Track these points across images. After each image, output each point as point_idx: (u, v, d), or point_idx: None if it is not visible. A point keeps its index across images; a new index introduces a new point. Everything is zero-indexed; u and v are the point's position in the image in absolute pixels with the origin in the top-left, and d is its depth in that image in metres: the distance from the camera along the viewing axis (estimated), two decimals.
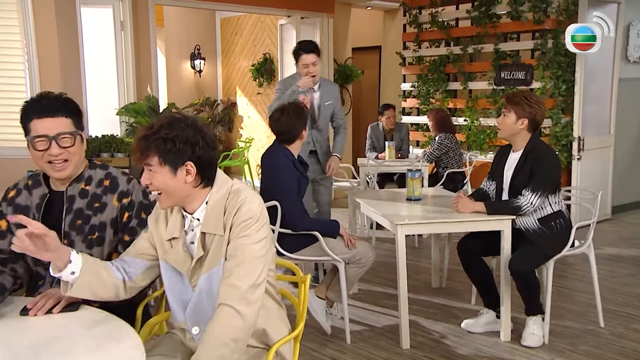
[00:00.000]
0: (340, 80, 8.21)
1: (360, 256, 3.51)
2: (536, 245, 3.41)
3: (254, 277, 1.78)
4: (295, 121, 3.57)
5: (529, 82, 6.18)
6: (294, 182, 3.50)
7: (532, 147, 3.43)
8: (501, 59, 6.45)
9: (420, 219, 3.59)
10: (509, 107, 3.43)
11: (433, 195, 4.31)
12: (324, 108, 4.51)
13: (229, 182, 1.92)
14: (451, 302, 4.25)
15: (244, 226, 1.81)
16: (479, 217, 3.45)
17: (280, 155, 3.58)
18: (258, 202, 1.86)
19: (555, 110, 6.23)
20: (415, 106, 7.44)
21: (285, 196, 3.43)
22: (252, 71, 9.12)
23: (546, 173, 3.35)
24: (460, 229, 3.58)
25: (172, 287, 1.94)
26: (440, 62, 7.02)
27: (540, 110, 3.41)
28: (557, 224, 3.44)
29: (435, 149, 6.03)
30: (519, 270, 3.35)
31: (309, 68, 4.31)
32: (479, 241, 3.62)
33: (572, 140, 6.19)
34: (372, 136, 6.61)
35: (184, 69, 9.70)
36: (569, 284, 4.62)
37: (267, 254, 1.85)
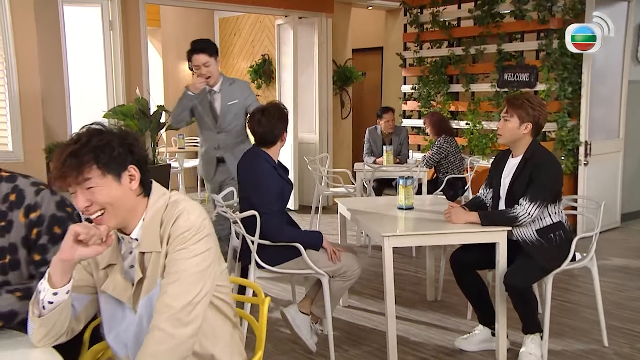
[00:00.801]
0: (340, 82, 8.04)
1: (345, 269, 3.33)
2: (533, 259, 3.21)
3: (191, 295, 1.61)
4: (277, 122, 3.40)
5: (533, 84, 5.98)
6: (276, 190, 3.32)
7: (532, 152, 3.26)
8: (504, 60, 6.27)
9: (410, 230, 3.41)
10: (511, 111, 3.25)
11: (427, 203, 4.12)
12: (227, 109, 4.20)
13: (167, 194, 1.75)
14: (446, 316, 4.06)
15: (182, 239, 1.64)
16: (472, 229, 3.26)
17: (261, 161, 3.40)
18: (198, 212, 1.70)
19: (560, 113, 6.04)
20: (415, 109, 7.25)
21: (263, 206, 3.26)
22: (251, 73, 8.97)
23: (546, 180, 3.17)
24: (452, 241, 3.40)
25: (113, 320, 1.76)
26: (441, 63, 6.84)
27: (543, 114, 3.26)
28: (556, 235, 3.25)
29: (434, 153, 5.85)
30: (515, 285, 3.15)
31: (201, 69, 4.06)
32: (473, 253, 3.43)
33: (579, 145, 6.01)
34: (370, 140, 6.44)
35: (181, 70, 9.56)
36: (573, 297, 4.41)
37: (210, 269, 1.67)
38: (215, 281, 1.71)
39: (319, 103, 7.68)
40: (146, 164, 1.72)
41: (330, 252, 3.28)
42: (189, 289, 1.61)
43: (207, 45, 4.10)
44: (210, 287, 1.68)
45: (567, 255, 3.27)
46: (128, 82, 6.08)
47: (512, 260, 3.27)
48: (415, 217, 3.67)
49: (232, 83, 4.28)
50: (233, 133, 4.28)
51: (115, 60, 5.94)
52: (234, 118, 4.25)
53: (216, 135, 4.28)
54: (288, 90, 7.51)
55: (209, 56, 4.06)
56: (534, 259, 3.21)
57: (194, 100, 4.19)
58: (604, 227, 6.27)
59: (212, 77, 4.12)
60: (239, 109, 4.24)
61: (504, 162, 3.41)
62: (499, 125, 3.32)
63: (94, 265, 1.76)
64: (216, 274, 1.72)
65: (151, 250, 1.67)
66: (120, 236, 1.74)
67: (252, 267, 3.35)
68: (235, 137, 4.29)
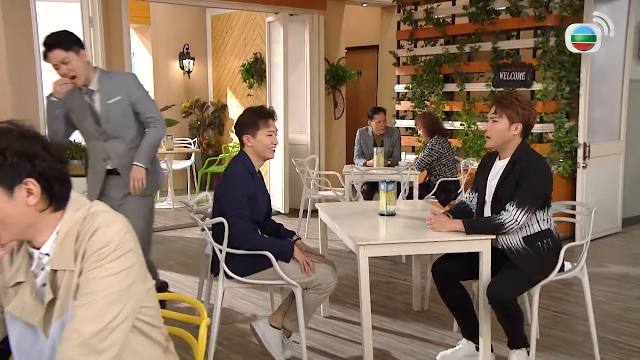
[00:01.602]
0: (333, 81, 7.89)
1: (320, 281, 3.17)
2: (519, 269, 3.06)
3: (105, 319, 1.44)
4: (237, 125, 3.28)
5: (529, 84, 5.82)
6: (245, 193, 3.16)
7: (521, 154, 3.11)
8: (500, 58, 6.11)
9: (389, 238, 3.25)
10: (500, 112, 3.10)
11: (412, 209, 3.96)
12: (109, 109, 3.58)
13: (87, 205, 1.58)
14: (431, 328, 3.90)
15: (97, 256, 1.47)
16: (454, 237, 3.10)
17: (238, 162, 3.27)
18: (118, 226, 1.53)
19: (558, 114, 5.88)
20: (409, 109, 7.08)
21: (232, 209, 3.12)
22: (242, 72, 8.85)
23: (534, 185, 3.02)
24: (432, 250, 3.24)
25: (23, 346, 1.59)
26: (435, 62, 6.69)
27: (533, 113, 3.13)
28: (544, 244, 3.10)
29: (426, 155, 5.70)
30: (499, 297, 2.99)
31: (60, 68, 3.42)
32: (456, 263, 3.27)
33: (577, 147, 5.86)
34: (360, 141, 6.29)
35: (171, 69, 9.45)
36: (568, 308, 4.24)
37: (132, 289, 1.51)
38: (139, 302, 1.54)
39: (311, 103, 7.54)
40: (58, 176, 1.52)
41: (303, 264, 3.12)
42: (103, 312, 1.44)
43: (62, 38, 3.42)
44: (132, 310, 1.51)
45: (555, 265, 3.10)
46: None
47: (498, 270, 3.12)
48: (396, 224, 3.52)
49: (111, 77, 3.65)
50: (125, 139, 3.66)
51: (95, 59, 5.79)
52: (121, 120, 3.62)
53: (103, 143, 3.65)
54: (279, 89, 7.36)
55: (66, 50, 3.39)
56: (519, 269, 3.06)
57: (61, 107, 3.55)
58: (604, 233, 6.12)
59: (78, 75, 3.46)
60: (124, 107, 3.60)
61: (490, 164, 3.26)
62: (488, 127, 3.17)
63: (1, 283, 1.60)
64: (140, 294, 1.55)
65: (64, 267, 1.51)
66: (30, 250, 1.58)
67: (221, 278, 3.20)
68: (128, 144, 3.67)
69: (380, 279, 4.93)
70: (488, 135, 3.17)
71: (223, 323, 3.92)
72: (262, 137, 3.24)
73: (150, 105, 3.71)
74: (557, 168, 5.92)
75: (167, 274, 5.07)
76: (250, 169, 3.24)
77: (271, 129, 3.25)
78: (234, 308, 4.28)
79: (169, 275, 5.03)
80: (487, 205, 3.23)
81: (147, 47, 9.18)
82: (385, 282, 4.85)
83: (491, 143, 3.17)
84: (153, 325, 1.63)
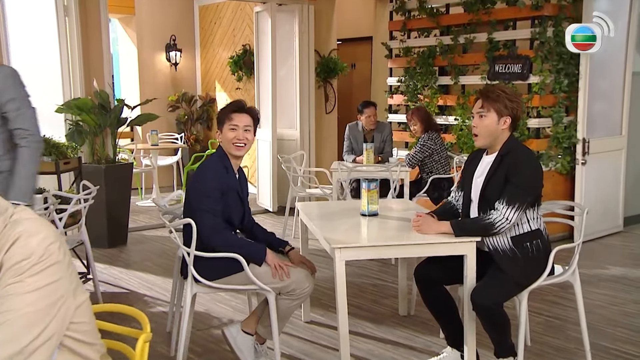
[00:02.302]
0: (324, 74, 7.78)
1: (294, 286, 3.06)
2: (506, 273, 2.95)
3: (24, 340, 1.33)
4: (219, 112, 3.19)
5: (526, 76, 5.71)
6: (216, 187, 3.04)
7: (509, 149, 3.01)
8: (495, 49, 6.00)
9: (368, 240, 3.14)
10: (488, 106, 3.00)
11: (396, 209, 3.84)
12: None
13: (9, 211, 1.47)
14: (416, 334, 3.79)
15: (16, 270, 1.35)
16: (437, 239, 2.99)
17: (214, 156, 3.18)
18: (42, 236, 1.41)
19: (556, 108, 5.78)
20: (402, 103, 6.96)
21: (201, 202, 3.00)
22: (230, 64, 8.73)
23: (523, 180, 2.92)
24: (414, 253, 3.14)
25: None
26: (429, 53, 6.58)
27: (520, 106, 3.06)
28: (533, 245, 2.99)
29: (418, 151, 5.58)
30: (482, 303, 2.89)
31: None
32: (440, 266, 3.16)
33: (576, 143, 5.77)
34: (350, 137, 6.18)
35: (157, 61, 9.33)
36: (561, 313, 4.13)
37: (59, 305, 1.39)
38: (67, 319, 1.43)
39: (300, 97, 7.45)
40: None
41: (275, 268, 3.01)
42: (21, 332, 1.33)
43: None
44: (58, 328, 1.39)
45: (545, 268, 2.99)
46: (87, 73, 5.84)
47: (484, 274, 3.01)
48: (377, 225, 3.40)
49: None
50: None
51: (71, 49, 5.68)
52: None
53: None
54: (267, 83, 7.26)
55: None
56: (506, 273, 2.95)
57: None
58: (604, 232, 6.02)
59: None
60: None
61: (477, 160, 3.16)
62: (475, 123, 3.06)
63: None
64: (69, 310, 1.44)
65: None
66: None
67: (189, 282, 3.09)
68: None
69: (367, 281, 4.83)
70: (476, 132, 3.06)
71: (197, 329, 3.84)
72: (226, 132, 3.14)
73: (27, 113, 3.01)
74: (555, 165, 5.83)
75: (144, 275, 4.98)
76: (226, 164, 3.13)
77: (234, 122, 3.12)
78: (211, 312, 4.18)
79: (145, 277, 4.94)
80: (473, 204, 3.12)
81: (131, 39, 9.05)
82: (372, 285, 4.75)
83: (481, 141, 3.06)
84: (85, 343, 1.51)
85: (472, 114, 3.10)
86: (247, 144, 3.15)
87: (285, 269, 3.03)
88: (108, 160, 5.73)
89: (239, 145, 3.12)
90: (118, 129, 5.78)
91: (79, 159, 4.97)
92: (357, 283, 4.74)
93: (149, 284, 4.76)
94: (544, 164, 5.77)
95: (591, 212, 3.50)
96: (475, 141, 3.10)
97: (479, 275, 3.01)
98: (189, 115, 9.38)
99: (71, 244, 4.06)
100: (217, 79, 9.38)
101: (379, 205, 3.50)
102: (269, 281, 3.02)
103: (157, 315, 4.13)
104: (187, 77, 9.58)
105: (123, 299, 4.44)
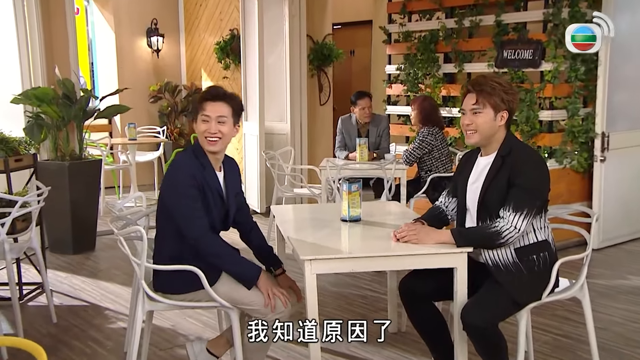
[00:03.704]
0: (317, 61, 7.69)
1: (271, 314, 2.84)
2: (503, 288, 2.77)
3: None
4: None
5: (537, 63, 5.61)
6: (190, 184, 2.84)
7: (510, 148, 2.85)
8: (504, 33, 5.89)
9: (344, 251, 2.96)
10: (482, 101, 2.84)
11: (383, 213, 3.68)
12: None
13: None
14: (406, 355, 3.63)
15: None
16: (422, 250, 2.82)
17: (189, 150, 2.99)
18: None
19: (571, 98, 5.66)
20: (402, 94, 6.84)
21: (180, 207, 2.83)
22: (217, 50, 8.59)
23: (529, 182, 2.76)
24: (395, 266, 3.00)
25: None
26: (431, 38, 6.46)
27: (516, 98, 2.91)
28: (539, 258, 2.83)
29: (416, 147, 5.41)
30: (474, 323, 2.72)
31: None
32: (427, 280, 3.00)
33: (594, 137, 5.68)
34: (343, 131, 6.04)
35: (138, 47, 9.24)
36: (573, 330, 3.94)
37: None
38: None
39: (291, 87, 7.36)
40: None
41: (267, 295, 2.81)
42: None
43: None
44: None
45: (547, 283, 2.81)
46: (49, 59, 5.71)
47: (478, 288, 2.84)
48: (359, 232, 3.25)
49: None
50: None
51: (31, 32, 5.53)
52: None
53: None
54: (254, 71, 7.13)
55: None
56: (503, 289, 2.77)
57: None
58: (626, 237, 5.90)
59: None
60: None
61: (471, 164, 2.99)
62: (467, 121, 2.88)
63: None
64: None
65: None
66: None
67: (141, 298, 2.91)
68: None
69: (357, 292, 4.69)
70: (470, 130, 2.88)
71: (159, 348, 3.70)
72: (198, 124, 2.94)
73: None
74: (570, 162, 5.73)
75: (109, 286, 4.84)
76: (202, 160, 2.93)
77: (206, 112, 2.90)
78: (178, 328, 4.02)
79: (111, 288, 4.80)
80: (470, 213, 2.96)
81: (109, 22, 8.96)
82: (362, 297, 4.59)
83: (476, 139, 2.89)
84: None
85: (462, 110, 2.92)
86: (222, 138, 2.91)
87: (283, 298, 2.83)
88: (73, 156, 5.59)
89: (212, 139, 2.89)
90: (84, 122, 5.65)
91: (34, 155, 4.82)
92: (345, 294, 4.61)
93: (114, 296, 4.62)
94: (557, 161, 5.65)
95: (611, 215, 3.34)
96: (468, 138, 2.93)
97: (473, 289, 2.84)
98: (173, 106, 9.28)
99: (17, 252, 3.90)
100: (203, 67, 9.27)
101: (362, 210, 3.33)
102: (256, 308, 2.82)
103: (117, 332, 3.98)
104: (170, 65, 9.50)
105: (81, 313, 4.31)
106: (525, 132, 5.62)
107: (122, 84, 8.52)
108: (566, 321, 4.07)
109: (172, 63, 9.50)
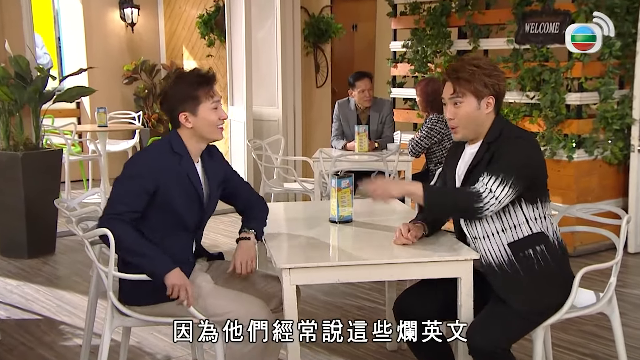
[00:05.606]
0: (313, 37, 7.75)
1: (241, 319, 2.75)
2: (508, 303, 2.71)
3: None
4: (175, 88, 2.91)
5: (564, 38, 5.50)
6: (145, 172, 2.84)
7: (500, 132, 2.87)
8: (526, 4, 5.82)
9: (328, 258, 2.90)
10: (461, 89, 2.85)
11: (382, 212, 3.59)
12: None
13: None
14: None
15: None
16: (418, 258, 2.78)
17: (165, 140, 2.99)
18: None
19: (604, 79, 5.59)
20: (409, 74, 6.82)
21: (114, 187, 2.85)
22: (199, 25, 8.63)
23: (509, 157, 2.78)
24: (388, 276, 2.97)
25: None
26: (442, 10, 6.41)
27: (502, 78, 2.94)
28: (536, 254, 2.78)
29: (424, 136, 5.38)
30: (482, 347, 2.65)
31: None
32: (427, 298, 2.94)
33: (631, 124, 5.66)
34: (340, 117, 6.04)
35: (109, 20, 9.28)
36: (602, 349, 3.86)
37: None
38: None
39: (283, 66, 7.43)
40: None
41: (174, 290, 2.73)
42: None
43: None
44: None
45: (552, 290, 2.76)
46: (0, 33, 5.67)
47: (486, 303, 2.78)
48: (350, 235, 3.21)
49: None
50: None
51: None
52: None
53: None
54: (240, 48, 7.22)
55: None
56: (508, 304, 2.71)
57: None
58: None
59: None
60: None
61: (459, 152, 3.02)
62: (449, 113, 2.90)
63: None
64: None
65: None
66: None
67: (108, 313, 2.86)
68: None
69: (354, 302, 4.66)
70: (454, 124, 2.91)
71: None
72: (206, 113, 2.91)
73: None
74: (602, 152, 5.69)
75: (67, 295, 4.80)
76: (180, 150, 2.91)
77: (216, 99, 2.95)
78: (144, 345, 3.96)
79: (69, 298, 4.75)
80: None
81: None
82: (359, 308, 4.56)
83: (461, 134, 2.92)
84: None
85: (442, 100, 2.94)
86: None
87: (191, 299, 2.74)
88: (28, 145, 5.55)
89: (223, 127, 3.01)
90: (42, 105, 5.63)
91: None
92: (340, 305, 4.59)
93: (71, 307, 4.57)
94: (587, 152, 5.60)
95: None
96: (453, 134, 2.96)
97: (480, 306, 2.77)
98: (150, 89, 9.32)
99: None
100: (184, 43, 9.34)
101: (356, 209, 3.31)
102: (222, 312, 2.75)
103: (72, 350, 3.94)
104: (147, 41, 9.55)
105: (31, 328, 4.24)
106: (550, 119, 5.56)
107: (92, 63, 8.54)
108: (594, 338, 4.01)
109: (149, 39, 9.55)
